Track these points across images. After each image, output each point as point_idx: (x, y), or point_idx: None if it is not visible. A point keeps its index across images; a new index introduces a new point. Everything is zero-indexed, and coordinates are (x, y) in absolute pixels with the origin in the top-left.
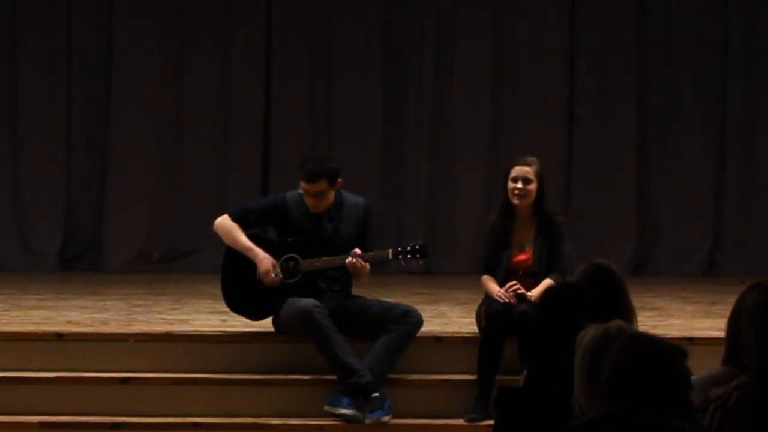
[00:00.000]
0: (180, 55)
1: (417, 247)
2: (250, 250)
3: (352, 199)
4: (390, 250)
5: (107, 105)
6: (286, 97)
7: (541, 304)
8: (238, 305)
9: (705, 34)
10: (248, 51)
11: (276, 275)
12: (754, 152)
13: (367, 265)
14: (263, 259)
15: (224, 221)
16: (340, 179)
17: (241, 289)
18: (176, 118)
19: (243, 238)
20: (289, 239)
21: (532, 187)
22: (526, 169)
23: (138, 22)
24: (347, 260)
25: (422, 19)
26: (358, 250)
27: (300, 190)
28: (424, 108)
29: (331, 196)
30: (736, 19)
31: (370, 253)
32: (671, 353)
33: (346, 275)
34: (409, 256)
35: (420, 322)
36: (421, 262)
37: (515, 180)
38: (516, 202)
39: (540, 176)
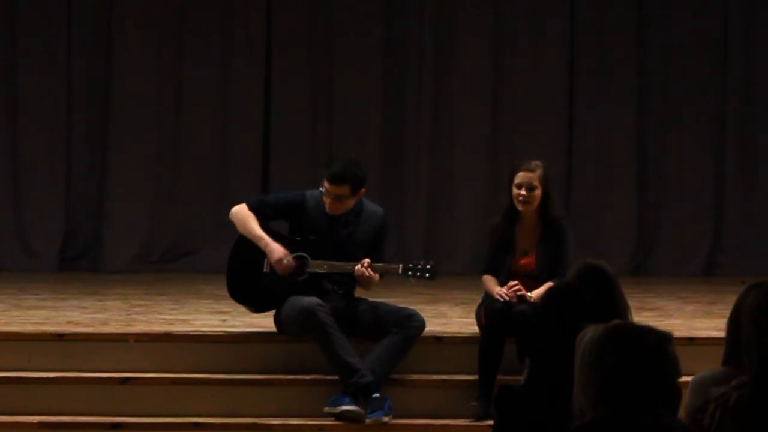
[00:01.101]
0: (180, 55)
1: (428, 266)
2: (261, 239)
3: (372, 207)
4: (400, 266)
5: (107, 105)
6: (286, 97)
7: (541, 304)
8: (240, 294)
9: (705, 34)
10: (248, 51)
11: (288, 263)
12: (754, 152)
13: (376, 275)
14: (275, 248)
15: (241, 209)
16: (363, 189)
17: (247, 278)
18: (176, 118)
19: (256, 228)
20: (302, 238)
21: (537, 193)
22: (530, 175)
23: (138, 22)
24: (356, 268)
25: (422, 19)
26: (367, 260)
27: (321, 189)
28: (424, 108)
29: (351, 202)
30: (736, 19)
31: (380, 265)
32: (653, 340)
33: (352, 279)
34: (418, 274)
35: (422, 327)
36: (429, 283)
37: (519, 186)
38: (521, 208)
39: (544, 181)
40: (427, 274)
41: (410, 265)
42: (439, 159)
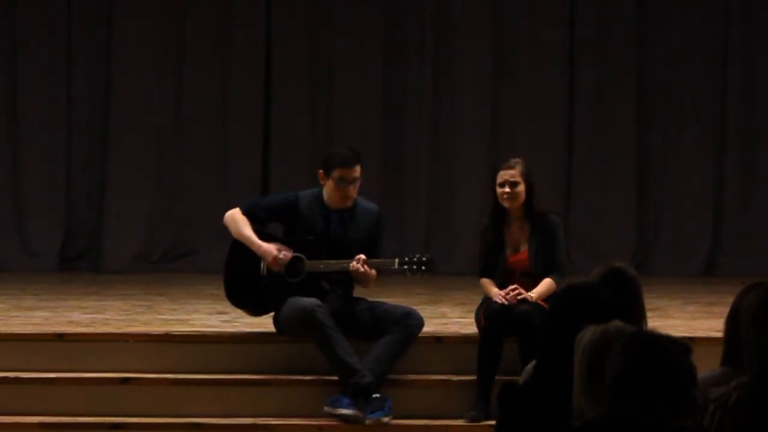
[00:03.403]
0: (180, 54)
1: (423, 259)
2: (253, 243)
3: (365, 205)
4: (396, 260)
5: (107, 105)
6: (286, 97)
7: (556, 302)
8: (239, 299)
9: (705, 34)
10: (248, 51)
11: (284, 257)
12: (754, 152)
13: (373, 271)
14: (267, 248)
15: (234, 214)
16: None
17: (244, 283)
18: (176, 117)
19: (249, 231)
20: (298, 238)
21: (520, 189)
22: (511, 172)
23: (138, 21)
24: (352, 265)
25: (422, 19)
26: (363, 256)
27: (313, 190)
28: (424, 108)
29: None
30: (736, 19)
31: (375, 260)
32: (673, 350)
33: (350, 278)
34: (414, 267)
35: (421, 325)
36: (425, 275)
37: (502, 185)
38: (507, 205)
39: (527, 176)
40: (423, 267)
41: (406, 259)
42: (439, 159)
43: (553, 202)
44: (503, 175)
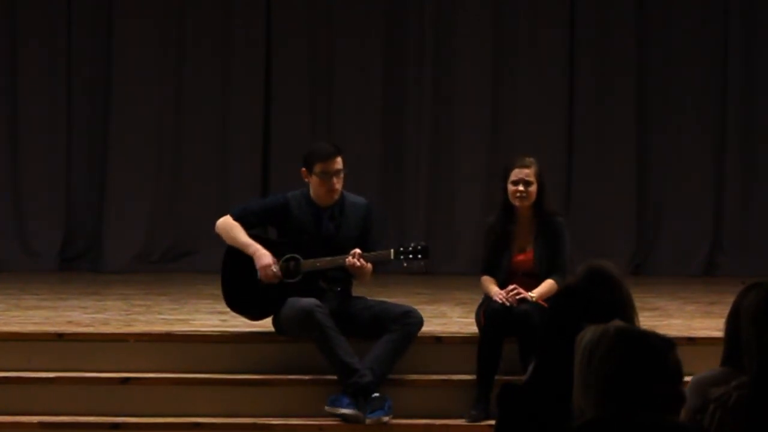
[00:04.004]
0: (180, 54)
1: (419, 247)
2: (249, 246)
3: (354, 199)
4: (392, 250)
5: (107, 105)
6: (286, 97)
7: (553, 302)
8: (238, 305)
9: (705, 34)
10: (248, 51)
11: (274, 271)
12: (754, 152)
13: (369, 265)
14: (262, 255)
15: (225, 221)
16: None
17: (242, 288)
18: (176, 117)
19: (243, 236)
20: (291, 239)
21: (533, 188)
22: (526, 170)
23: (138, 21)
24: (347, 260)
25: (422, 19)
26: (358, 250)
27: (301, 190)
28: (424, 108)
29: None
30: (736, 19)
31: (371, 253)
32: (660, 346)
33: (348, 275)
34: (410, 256)
35: (420, 323)
36: (422, 263)
37: (515, 183)
38: (517, 204)
39: (539, 177)
40: (420, 255)
41: (401, 249)
42: (439, 159)
43: (553, 202)
44: (517, 173)
